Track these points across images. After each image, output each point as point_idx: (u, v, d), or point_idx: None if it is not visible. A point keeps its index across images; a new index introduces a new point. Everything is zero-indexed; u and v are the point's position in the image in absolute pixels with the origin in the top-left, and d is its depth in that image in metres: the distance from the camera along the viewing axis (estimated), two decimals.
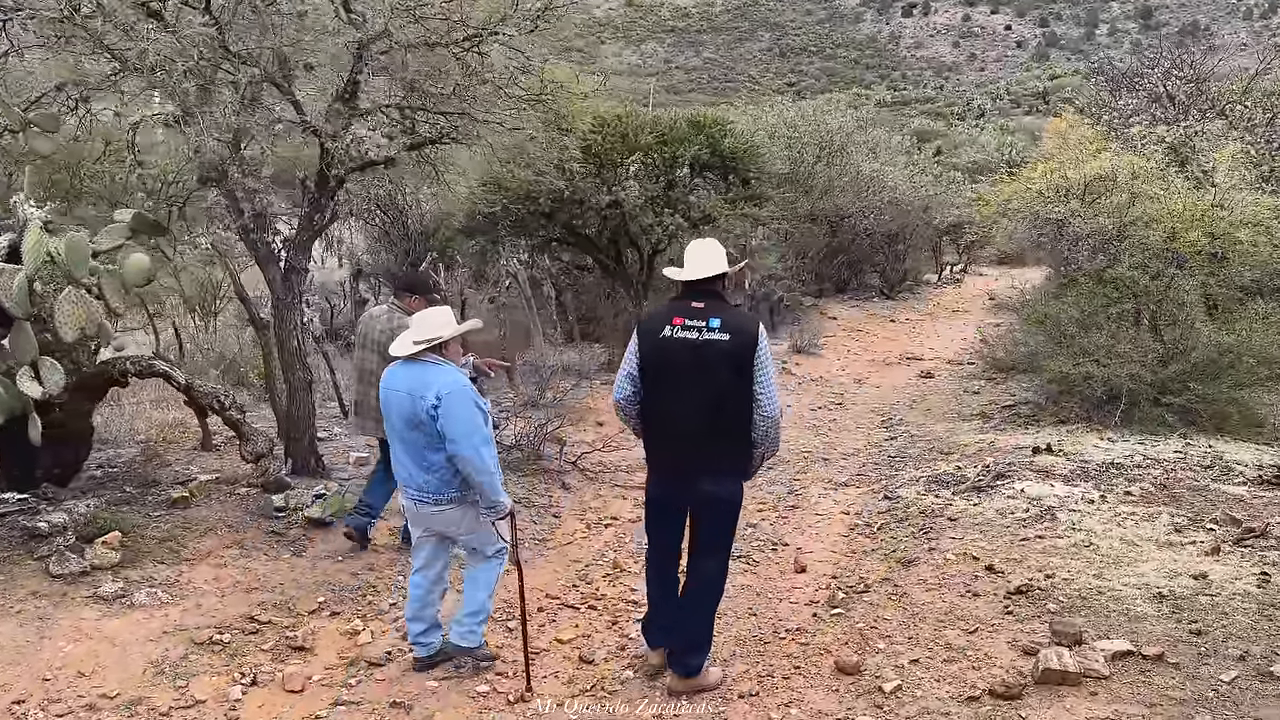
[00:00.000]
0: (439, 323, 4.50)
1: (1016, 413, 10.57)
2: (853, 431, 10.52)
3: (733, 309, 4.40)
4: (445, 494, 4.44)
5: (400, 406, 4.40)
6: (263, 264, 6.60)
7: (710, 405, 4.20)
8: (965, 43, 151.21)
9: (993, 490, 7.21)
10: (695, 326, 4.18)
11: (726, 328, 4.18)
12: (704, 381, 4.18)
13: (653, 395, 4.36)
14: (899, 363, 15.70)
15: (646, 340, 4.33)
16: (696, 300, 4.27)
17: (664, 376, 4.28)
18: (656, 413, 4.38)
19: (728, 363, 4.15)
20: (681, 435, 4.30)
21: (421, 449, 4.38)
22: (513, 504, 4.56)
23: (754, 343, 4.19)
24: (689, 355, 4.17)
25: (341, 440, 8.60)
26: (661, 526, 4.59)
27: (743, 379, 4.17)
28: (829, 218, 21.22)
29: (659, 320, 4.33)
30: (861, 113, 26.46)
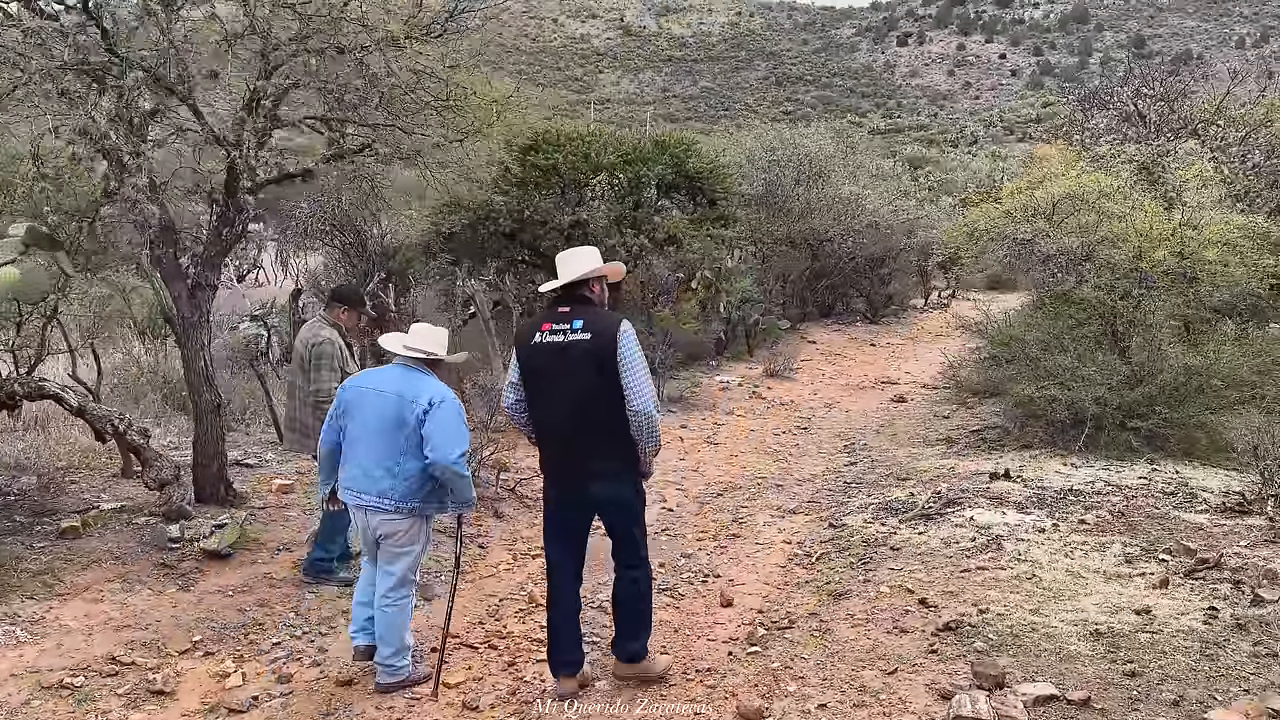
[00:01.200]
0: (438, 341, 4.63)
1: (983, 438, 10.23)
2: (813, 457, 10.17)
3: (596, 310, 4.38)
4: (407, 503, 4.43)
5: (383, 407, 4.39)
6: (167, 280, 6.29)
7: (582, 405, 4.24)
8: (960, 71, 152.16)
9: (941, 518, 6.86)
10: (560, 330, 4.24)
11: (588, 327, 4.21)
12: (573, 382, 4.23)
13: (533, 401, 4.41)
14: (873, 387, 15.38)
15: (522, 348, 4.41)
16: (563, 305, 4.34)
17: (539, 382, 4.35)
18: (538, 418, 4.44)
19: (591, 361, 4.18)
20: (561, 438, 4.36)
21: (396, 453, 4.37)
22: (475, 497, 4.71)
23: (614, 340, 4.19)
24: (557, 358, 4.23)
25: (272, 467, 8.25)
26: (556, 539, 4.53)
27: (608, 376, 4.18)
28: (809, 241, 20.96)
29: (531, 328, 4.41)
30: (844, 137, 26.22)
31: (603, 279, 4.50)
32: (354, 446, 4.50)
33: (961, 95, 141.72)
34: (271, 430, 9.29)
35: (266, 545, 6.04)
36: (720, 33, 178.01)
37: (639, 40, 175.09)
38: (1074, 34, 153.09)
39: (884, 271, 25.69)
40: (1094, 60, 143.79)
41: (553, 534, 4.54)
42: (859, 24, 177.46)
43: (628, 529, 4.48)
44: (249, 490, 7.32)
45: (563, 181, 12.55)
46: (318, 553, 5.78)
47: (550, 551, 4.57)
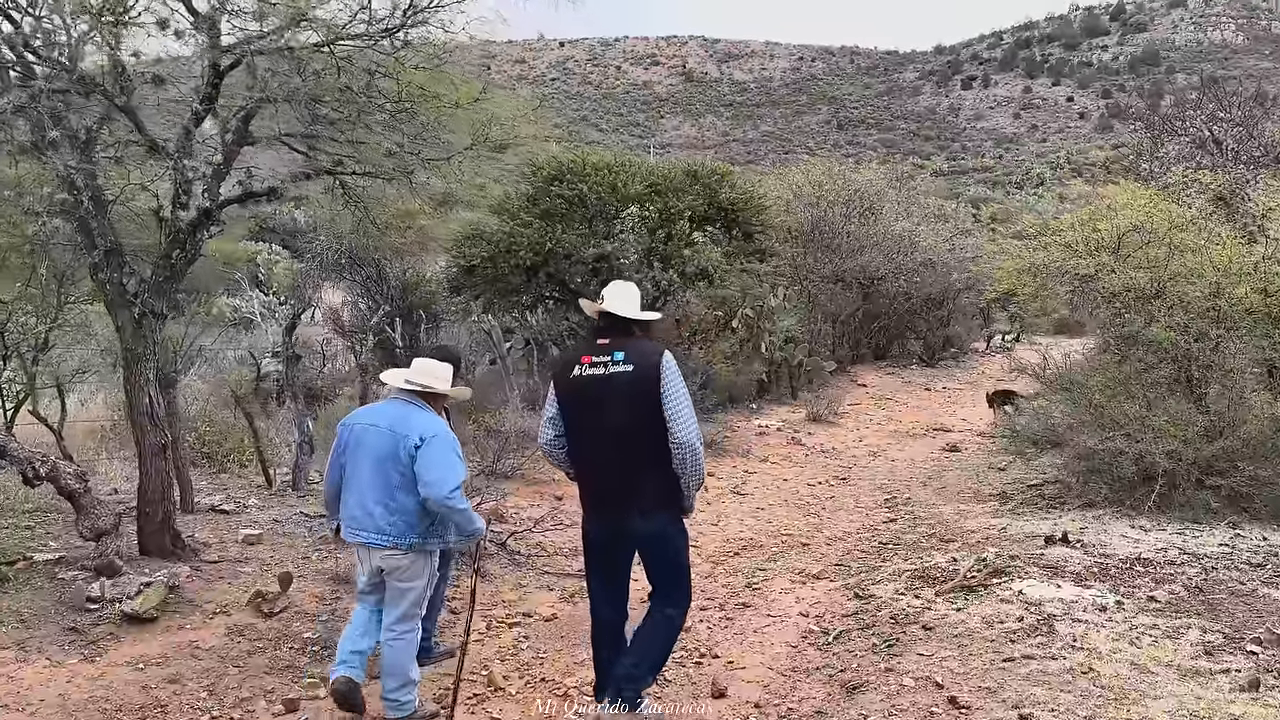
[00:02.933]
0: (437, 375, 4.59)
1: (1041, 493, 9.21)
2: (849, 512, 9.22)
3: (637, 340, 4.29)
4: (406, 539, 4.37)
5: (377, 442, 4.36)
6: (112, 308, 5.70)
7: (625, 439, 4.14)
8: (1026, 114, 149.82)
9: (985, 591, 5.90)
10: (601, 362, 4.15)
11: (630, 359, 4.13)
12: (615, 415, 4.12)
13: (572, 436, 4.31)
14: (924, 435, 14.34)
15: (560, 381, 4.31)
16: (602, 337, 4.24)
17: (579, 415, 4.25)
18: (578, 453, 4.33)
19: (634, 393, 4.09)
20: (603, 472, 4.25)
21: (392, 489, 4.33)
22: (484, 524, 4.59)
23: (658, 371, 4.11)
24: (598, 391, 4.14)
25: (250, 514, 7.59)
26: (598, 573, 4.44)
27: (651, 409, 4.09)
28: (860, 280, 20.04)
29: (569, 361, 4.31)
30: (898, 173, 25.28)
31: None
32: (351, 484, 4.46)
33: (1028, 138, 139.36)
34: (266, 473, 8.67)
35: (204, 607, 5.34)
36: (782, 77, 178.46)
37: (701, 86, 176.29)
38: (1144, 76, 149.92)
39: (942, 313, 24.61)
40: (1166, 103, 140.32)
41: (594, 568, 4.46)
42: (922, 68, 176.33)
43: (667, 566, 4.35)
44: (213, 540, 6.66)
45: (589, 213, 11.88)
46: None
47: (593, 591, 4.47)
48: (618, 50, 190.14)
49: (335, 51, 5.22)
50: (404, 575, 4.46)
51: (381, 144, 5.77)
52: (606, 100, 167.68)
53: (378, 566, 4.46)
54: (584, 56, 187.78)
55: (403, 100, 5.61)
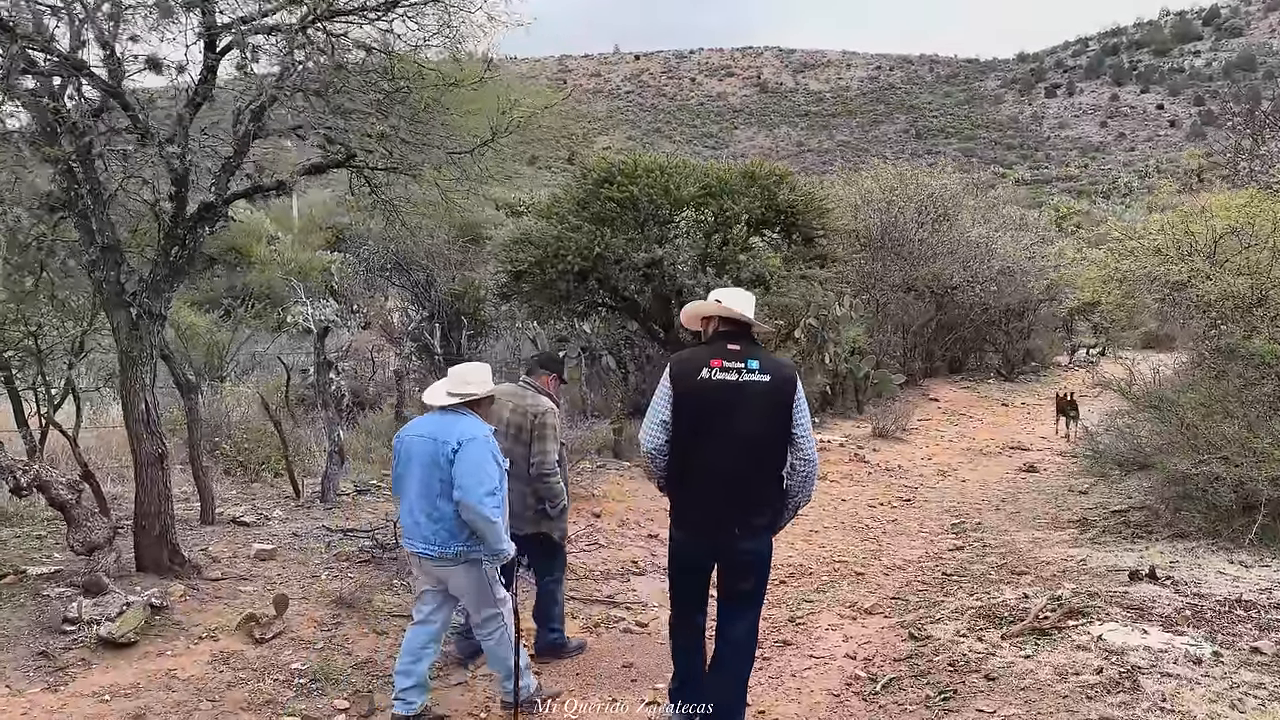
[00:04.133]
0: (476, 380, 4.57)
1: (1125, 520, 8.40)
2: (911, 537, 8.52)
3: (767, 351, 4.26)
4: (451, 547, 4.36)
5: (421, 451, 4.38)
6: (108, 308, 5.36)
7: (752, 449, 4.04)
8: (1113, 123, 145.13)
9: (1059, 635, 5.20)
10: (734, 368, 4.02)
11: (766, 369, 4.05)
12: (745, 424, 4.01)
13: (689, 441, 4.10)
14: (1000, 453, 13.47)
15: (682, 383, 4.09)
16: (732, 343, 4.12)
17: (701, 422, 4.06)
18: (692, 460, 4.11)
19: (769, 404, 4.03)
20: (720, 483, 4.07)
21: (434, 498, 4.33)
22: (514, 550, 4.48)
23: (794, 382, 4.11)
24: (729, 397, 4.01)
25: (271, 527, 7.24)
26: (688, 586, 4.34)
27: (783, 422, 4.05)
28: (932, 289, 19.16)
29: (696, 362, 4.10)
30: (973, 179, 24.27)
31: None
32: (404, 494, 4.50)
33: (1115, 147, 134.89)
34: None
35: (191, 631, 4.94)
36: (859, 87, 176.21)
37: (775, 96, 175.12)
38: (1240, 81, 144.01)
39: (1022, 325, 23.55)
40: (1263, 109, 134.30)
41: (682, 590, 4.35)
42: (1004, 75, 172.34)
43: (759, 582, 4.28)
44: (225, 554, 6.30)
45: (640, 217, 11.38)
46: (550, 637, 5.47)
47: (677, 594, 4.37)
48: (692, 62, 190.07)
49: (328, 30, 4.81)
50: (456, 583, 4.47)
51: (375, 126, 5.30)
52: (680, 112, 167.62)
53: (439, 577, 4.50)
54: (659, 69, 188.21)
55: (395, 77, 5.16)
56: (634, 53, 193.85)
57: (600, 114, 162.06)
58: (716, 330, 4.25)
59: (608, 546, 7.65)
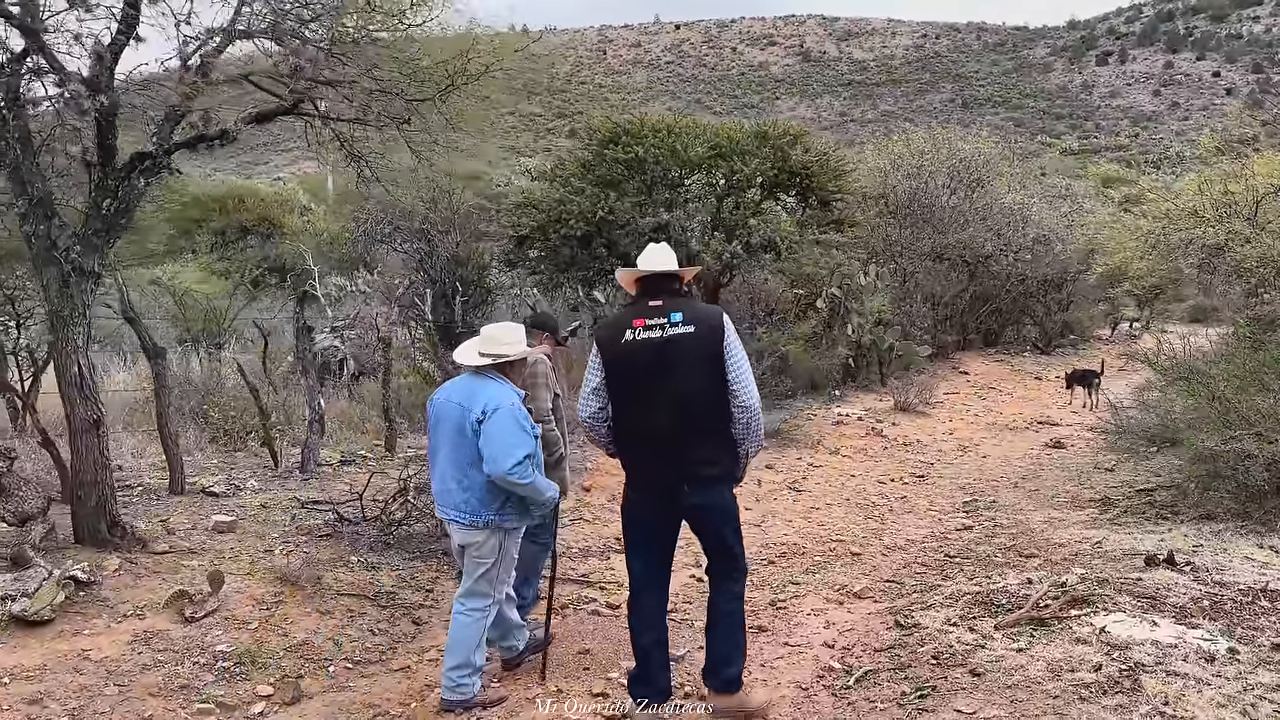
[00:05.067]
0: (507, 340, 4.42)
1: (1150, 500, 7.85)
2: (919, 516, 8.04)
3: (693, 301, 4.10)
4: (481, 516, 4.28)
5: (451, 417, 4.27)
6: (39, 264, 5.04)
7: (686, 405, 3.88)
8: (1167, 91, 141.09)
9: (1059, 625, 4.73)
10: (657, 324, 3.90)
11: (690, 319, 3.89)
12: (676, 380, 3.87)
13: (623, 406, 4.01)
14: (1026, 428, 12.90)
15: (609, 348, 3.99)
16: (653, 299, 3.97)
17: (632, 383, 3.96)
18: (629, 424, 4.01)
19: (697, 356, 3.87)
20: (659, 443, 3.93)
21: (465, 465, 4.23)
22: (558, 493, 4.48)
23: (720, 331, 3.90)
24: (654, 355, 3.88)
25: (241, 498, 6.96)
26: (642, 552, 4.13)
27: (715, 372, 3.89)
28: (964, 258, 18.46)
29: (619, 325, 4.00)
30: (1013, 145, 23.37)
31: None
32: (434, 459, 4.42)
33: (1168, 116, 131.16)
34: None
35: (118, 608, 4.64)
36: (904, 55, 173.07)
37: (818, 65, 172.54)
38: None
39: (1061, 296, 22.74)
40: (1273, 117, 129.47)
41: (638, 552, 4.13)
42: (1054, 43, 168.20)
43: (726, 537, 4.07)
44: (184, 526, 6.02)
45: (648, 179, 10.91)
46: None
47: (635, 571, 4.15)
48: (733, 31, 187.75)
49: None
50: (477, 550, 4.35)
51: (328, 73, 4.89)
52: (721, 83, 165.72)
53: (459, 544, 4.41)
54: (699, 39, 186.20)
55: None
56: (674, 22, 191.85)
57: (640, 85, 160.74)
58: (639, 289, 4.10)
59: (593, 522, 7.28)
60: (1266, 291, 7.67)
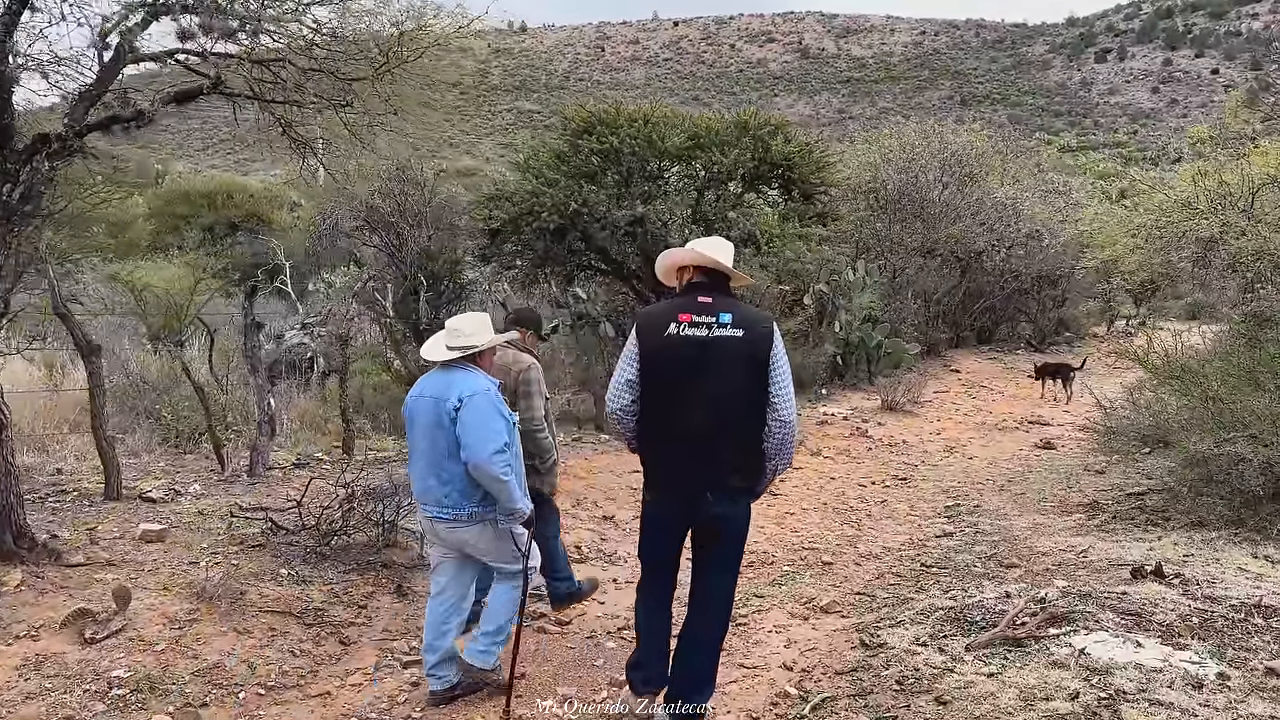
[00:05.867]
0: (473, 330, 4.30)
1: (1140, 505, 7.51)
2: (898, 521, 7.68)
3: (743, 303, 3.89)
4: (464, 508, 4.15)
5: (424, 412, 4.17)
6: None
7: (723, 410, 3.74)
8: (1165, 88, 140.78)
9: (1035, 646, 4.36)
10: (704, 323, 3.73)
11: (739, 323, 3.74)
12: (716, 383, 3.73)
13: (656, 401, 3.83)
14: (1016, 428, 12.54)
15: (648, 339, 3.81)
16: (703, 295, 3.80)
17: (669, 379, 3.79)
18: (660, 421, 3.84)
19: (742, 361, 3.73)
20: (690, 445, 3.77)
21: (441, 459, 4.12)
22: (531, 510, 4.25)
23: (770, 338, 3.76)
24: (698, 354, 3.73)
25: (182, 504, 6.58)
26: (659, 549, 4.01)
27: (758, 380, 3.74)
28: (957, 254, 18.09)
29: (662, 317, 3.81)
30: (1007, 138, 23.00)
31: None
32: (412, 458, 4.30)
33: (1167, 113, 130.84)
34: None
35: (11, 628, 4.21)
36: (903, 52, 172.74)
37: (817, 62, 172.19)
38: None
39: (1056, 293, 22.39)
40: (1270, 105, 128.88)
41: (652, 554, 4.03)
42: (1052, 40, 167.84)
43: (734, 549, 3.97)
44: (111, 535, 5.65)
45: (623, 170, 10.54)
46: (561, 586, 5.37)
47: (650, 561, 4.05)
48: (732, 28, 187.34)
49: None
50: (474, 546, 4.25)
51: None
52: (720, 79, 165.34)
53: (450, 543, 4.28)
54: (698, 35, 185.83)
55: None
56: (673, 19, 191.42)
57: (639, 82, 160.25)
58: (689, 281, 3.91)
59: (571, 531, 6.90)
60: (1263, 286, 7.30)
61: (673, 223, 10.40)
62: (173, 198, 33.97)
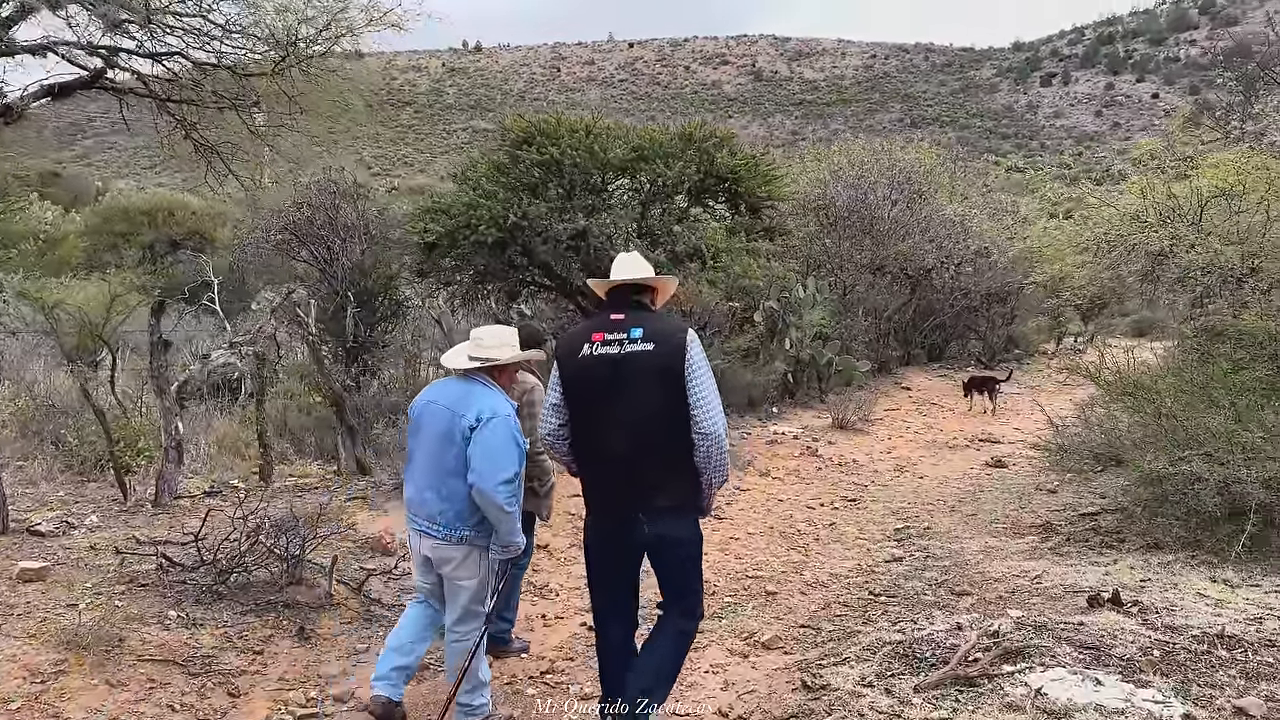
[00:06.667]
0: (498, 343, 4.14)
1: (1095, 526, 7.28)
2: (846, 546, 7.35)
3: (657, 316, 3.85)
4: (457, 530, 3.98)
5: (436, 420, 4.01)
6: None
7: (640, 428, 3.63)
8: (1108, 112, 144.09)
9: (988, 686, 4.03)
10: (615, 340, 3.66)
11: (650, 336, 3.65)
12: (630, 401, 3.63)
13: (580, 424, 3.81)
14: (967, 446, 12.33)
15: (566, 362, 3.79)
16: (616, 312, 3.75)
17: (587, 401, 3.75)
18: (585, 444, 3.83)
19: (655, 376, 3.61)
20: (614, 467, 3.70)
21: (445, 474, 3.95)
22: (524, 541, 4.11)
23: (682, 350, 3.62)
24: (610, 372, 3.65)
25: (74, 538, 6.05)
26: (602, 579, 3.90)
27: (674, 394, 3.61)
28: (907, 271, 17.97)
29: (577, 339, 3.78)
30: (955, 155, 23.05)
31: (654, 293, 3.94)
32: (411, 466, 4.13)
33: (1110, 136, 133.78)
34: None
35: None
36: (854, 75, 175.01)
37: (770, 85, 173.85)
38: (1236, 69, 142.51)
39: (1005, 310, 22.42)
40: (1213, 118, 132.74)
41: (598, 580, 3.92)
42: (999, 64, 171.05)
43: (683, 574, 3.84)
44: None
45: (566, 183, 10.19)
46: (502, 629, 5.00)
47: (596, 600, 3.94)
48: (687, 50, 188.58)
49: None
50: (455, 570, 4.03)
51: None
52: (675, 101, 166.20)
53: (425, 556, 4.07)
54: (653, 57, 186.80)
55: None
56: (628, 40, 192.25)
57: (594, 102, 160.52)
58: (605, 300, 3.86)
59: None
60: (1212, 301, 7.11)
61: (617, 236, 10.07)
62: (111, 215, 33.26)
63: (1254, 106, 10.52)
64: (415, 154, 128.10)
